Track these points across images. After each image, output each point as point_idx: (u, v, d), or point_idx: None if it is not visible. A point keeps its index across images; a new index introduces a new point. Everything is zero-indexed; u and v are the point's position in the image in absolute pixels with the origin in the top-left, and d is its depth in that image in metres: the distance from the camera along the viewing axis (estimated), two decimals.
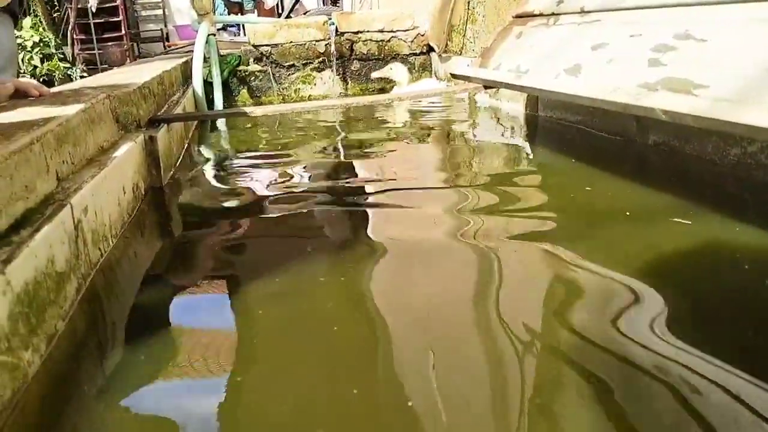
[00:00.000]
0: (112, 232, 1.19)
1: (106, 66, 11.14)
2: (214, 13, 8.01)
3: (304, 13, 7.06)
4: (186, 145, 2.08)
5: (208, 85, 3.07)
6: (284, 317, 0.88)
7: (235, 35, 7.87)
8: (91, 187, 1.09)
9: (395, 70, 3.31)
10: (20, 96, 1.48)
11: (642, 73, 1.28)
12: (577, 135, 1.94)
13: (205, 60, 3.05)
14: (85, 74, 10.41)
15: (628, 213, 1.22)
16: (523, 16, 2.01)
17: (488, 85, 1.89)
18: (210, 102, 2.97)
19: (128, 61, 11.32)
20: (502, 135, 2.11)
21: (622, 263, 0.97)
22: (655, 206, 1.27)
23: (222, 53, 3.26)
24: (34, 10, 10.15)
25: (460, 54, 3.03)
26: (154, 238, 1.34)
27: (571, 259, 1.01)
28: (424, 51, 3.44)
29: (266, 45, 3.25)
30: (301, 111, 1.75)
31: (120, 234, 1.23)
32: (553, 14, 1.83)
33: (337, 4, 7.03)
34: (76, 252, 0.95)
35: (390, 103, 1.77)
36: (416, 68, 3.46)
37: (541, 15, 1.89)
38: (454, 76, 2.11)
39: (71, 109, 1.25)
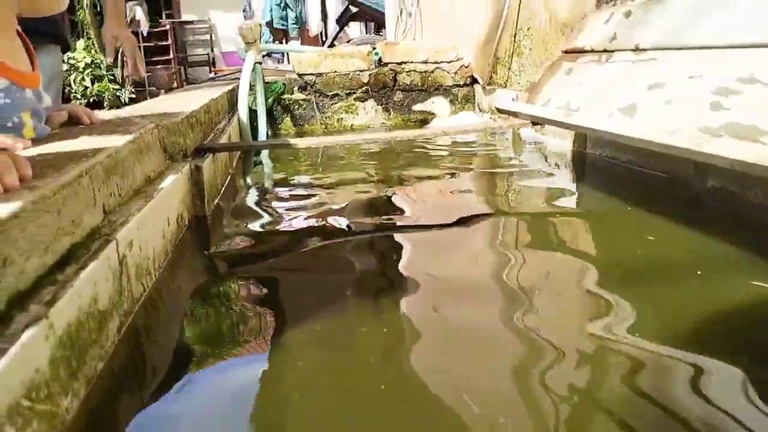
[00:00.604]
0: (156, 265, 1.18)
1: (154, 88, 11.50)
2: (260, 40, 8.20)
3: (348, 41, 7.16)
4: (230, 174, 2.09)
5: (252, 112, 3.11)
6: (326, 371, 0.84)
7: (279, 62, 8.03)
8: (137, 220, 1.09)
9: (437, 104, 3.30)
10: (72, 123, 1.51)
11: (703, 116, 1.23)
12: (628, 175, 1.87)
13: (251, 87, 3.10)
14: (133, 96, 10.77)
15: (699, 272, 1.10)
16: (573, 52, 1.97)
17: (536, 122, 1.85)
18: (254, 129, 3.00)
19: (175, 83, 11.66)
20: (548, 172, 2.06)
21: (693, 336, 0.89)
22: (723, 263, 1.16)
23: (267, 80, 3.30)
24: (87, 32, 10.56)
25: (505, 86, 3.00)
26: (197, 270, 1.33)
27: (627, 323, 0.95)
28: (468, 83, 3.42)
29: (311, 74, 3.28)
30: (344, 144, 1.73)
31: (163, 266, 1.23)
32: (605, 51, 1.79)
33: (381, 33, 7.11)
34: (120, 288, 0.94)
35: (436, 136, 1.74)
36: (459, 100, 3.44)
37: (592, 51, 1.85)
38: (499, 110, 2.07)
39: (120, 140, 1.26)
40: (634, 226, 1.42)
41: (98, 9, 11.01)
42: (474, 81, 3.42)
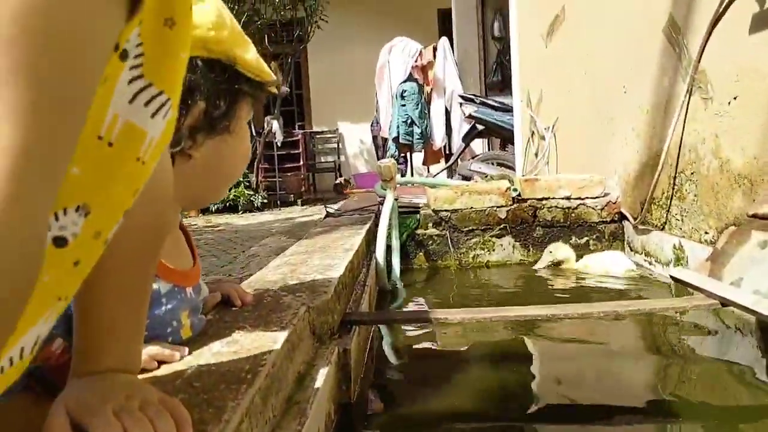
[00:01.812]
0: None
1: (284, 192, 12.19)
2: (386, 154, 8.47)
3: (472, 158, 7.19)
4: (369, 343, 1.98)
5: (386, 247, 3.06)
6: None
7: (401, 174, 8.23)
8: None
9: (555, 252, 3.00)
10: (224, 302, 1.47)
11: None
12: None
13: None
14: (265, 201, 11.44)
15: None
16: (764, 218, 1.71)
17: (726, 304, 1.59)
18: (388, 267, 2.93)
19: (303, 188, 12.30)
20: (726, 347, 1.75)
21: None
22: None
23: (401, 214, 3.27)
24: None
25: (663, 229, 2.74)
26: None
27: None
28: (615, 219, 3.18)
29: (446, 210, 3.20)
30: (502, 320, 1.57)
31: None
32: None
33: (506, 149, 7.08)
34: None
35: (606, 315, 1.53)
36: (606, 237, 3.19)
37: None
38: (675, 280, 1.83)
39: (276, 339, 1.18)
40: None
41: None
42: (623, 217, 3.18)
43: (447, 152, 8.73)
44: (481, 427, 1.40)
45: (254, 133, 12.11)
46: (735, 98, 2.10)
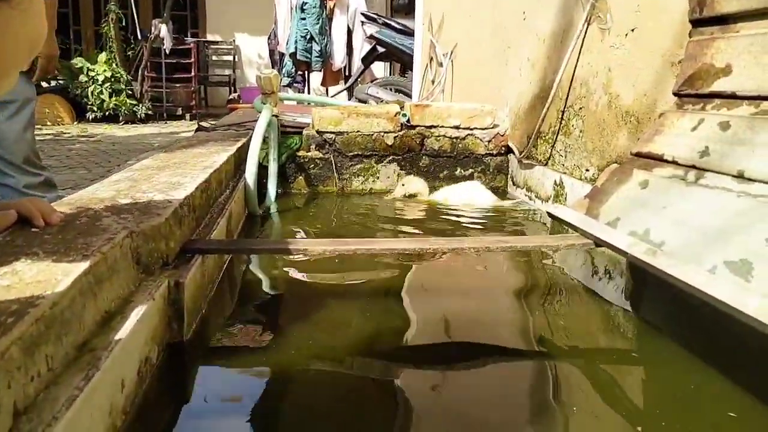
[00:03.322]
0: None
1: (172, 104, 11.34)
2: (282, 70, 7.98)
3: (372, 81, 6.91)
4: (222, 273, 1.75)
5: (262, 168, 2.80)
6: None
7: (299, 92, 7.78)
8: (70, 417, 0.75)
9: (407, 186, 2.93)
10: (24, 222, 1.18)
11: None
12: (707, 307, 1.51)
13: (263, 140, 2.79)
14: (150, 112, 10.59)
15: None
16: (647, 157, 1.63)
17: (601, 245, 1.51)
18: (261, 194, 2.68)
19: (194, 102, 11.49)
20: (596, 289, 1.71)
21: None
22: None
23: (282, 133, 3.00)
24: (110, 46, 10.45)
25: (546, 165, 2.67)
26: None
27: None
28: (502, 152, 3.10)
29: (331, 132, 2.97)
30: (366, 253, 1.40)
31: None
32: (693, 167, 1.45)
33: (406, 75, 6.85)
34: None
35: (477, 251, 1.41)
36: (491, 170, 3.11)
37: (674, 163, 1.52)
38: (551, 216, 1.74)
39: (70, 272, 0.93)
40: (706, 386, 1.07)
41: (123, 23, 10.84)
42: (509, 150, 3.10)
43: (347, 74, 8.36)
44: (337, 369, 1.25)
45: (139, 36, 11.05)
46: (633, 30, 2.00)
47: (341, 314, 1.54)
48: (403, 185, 2.93)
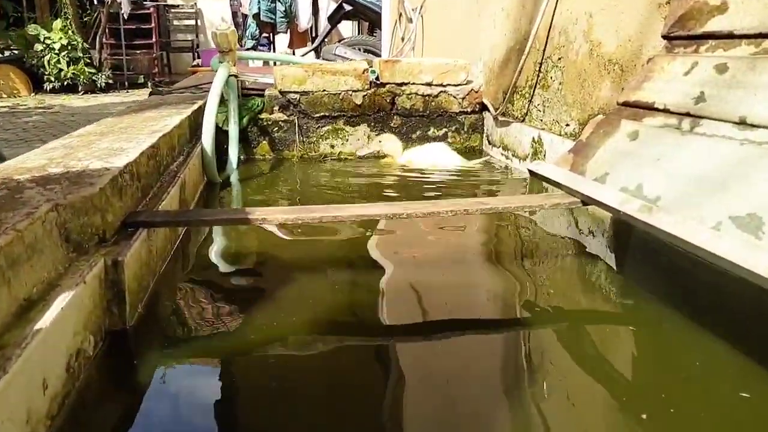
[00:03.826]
0: None
1: (133, 72, 10.88)
2: (245, 32, 7.65)
3: (339, 41, 6.65)
4: (178, 242, 1.59)
5: (223, 133, 2.61)
6: None
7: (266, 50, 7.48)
8: None
9: (384, 143, 2.83)
10: None
11: None
12: (692, 265, 1.39)
13: (223, 103, 2.60)
14: (110, 81, 10.15)
15: None
16: (636, 107, 1.50)
17: (588, 203, 1.39)
18: (222, 161, 2.50)
19: (156, 69, 11.05)
20: (578, 248, 1.60)
21: None
22: None
23: (244, 94, 2.80)
24: (65, 12, 9.92)
25: (523, 121, 2.54)
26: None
27: None
28: (477, 110, 2.95)
29: (295, 92, 2.78)
30: (333, 221, 1.26)
31: None
32: (688, 114, 1.32)
33: (374, 34, 6.60)
34: None
35: (455, 214, 1.27)
36: (465, 128, 2.96)
37: (666, 111, 1.39)
38: (533, 174, 1.60)
39: None
40: (686, 344, 0.96)
41: None
42: (484, 108, 2.95)
43: (314, 35, 8.06)
44: (305, 352, 1.12)
45: (96, 1, 10.50)
46: None
47: (308, 289, 1.40)
48: (380, 142, 2.80)
